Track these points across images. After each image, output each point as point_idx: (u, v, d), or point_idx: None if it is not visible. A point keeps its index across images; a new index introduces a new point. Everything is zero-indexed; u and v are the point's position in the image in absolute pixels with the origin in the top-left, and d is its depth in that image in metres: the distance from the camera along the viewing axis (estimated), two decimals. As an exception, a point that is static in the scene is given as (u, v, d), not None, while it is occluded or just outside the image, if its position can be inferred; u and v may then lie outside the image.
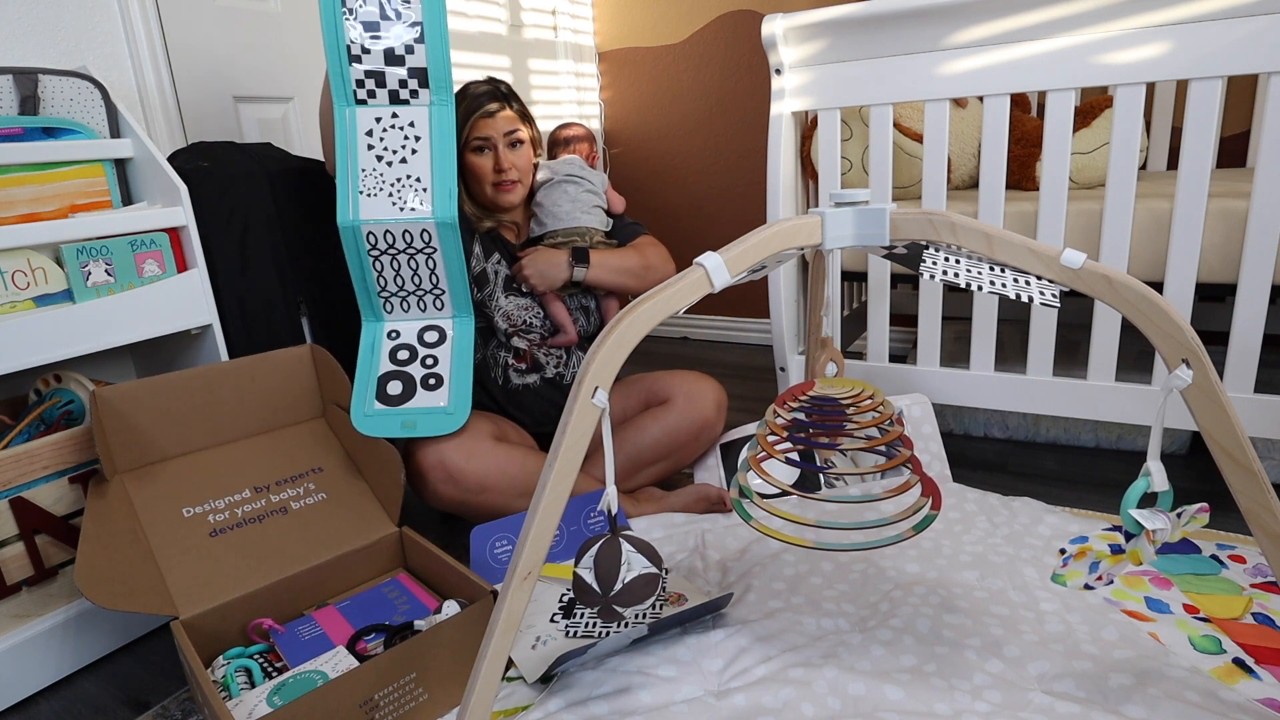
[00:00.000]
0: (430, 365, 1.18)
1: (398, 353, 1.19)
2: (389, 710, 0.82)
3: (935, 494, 0.86)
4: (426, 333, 1.21)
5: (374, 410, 1.15)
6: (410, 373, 1.17)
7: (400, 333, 1.21)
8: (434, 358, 1.19)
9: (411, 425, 1.15)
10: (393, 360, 1.19)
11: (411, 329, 1.21)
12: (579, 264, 1.32)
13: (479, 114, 1.31)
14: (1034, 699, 0.81)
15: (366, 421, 1.14)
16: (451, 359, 1.20)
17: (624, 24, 2.42)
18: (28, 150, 1.03)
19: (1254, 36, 1.05)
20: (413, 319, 1.21)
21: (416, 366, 1.18)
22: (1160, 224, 1.21)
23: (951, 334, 1.85)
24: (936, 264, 0.74)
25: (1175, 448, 1.42)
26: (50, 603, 1.01)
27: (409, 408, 1.16)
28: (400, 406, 1.15)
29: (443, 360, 1.19)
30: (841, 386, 0.95)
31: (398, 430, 1.14)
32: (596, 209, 1.43)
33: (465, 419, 1.18)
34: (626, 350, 0.67)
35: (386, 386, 1.15)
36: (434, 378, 1.17)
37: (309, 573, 1.02)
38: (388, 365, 1.18)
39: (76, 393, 1.10)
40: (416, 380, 1.16)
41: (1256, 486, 0.67)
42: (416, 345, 1.20)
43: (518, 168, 1.33)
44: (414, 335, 1.21)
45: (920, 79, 1.28)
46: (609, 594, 0.72)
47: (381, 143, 1.12)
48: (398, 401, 1.16)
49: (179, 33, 1.41)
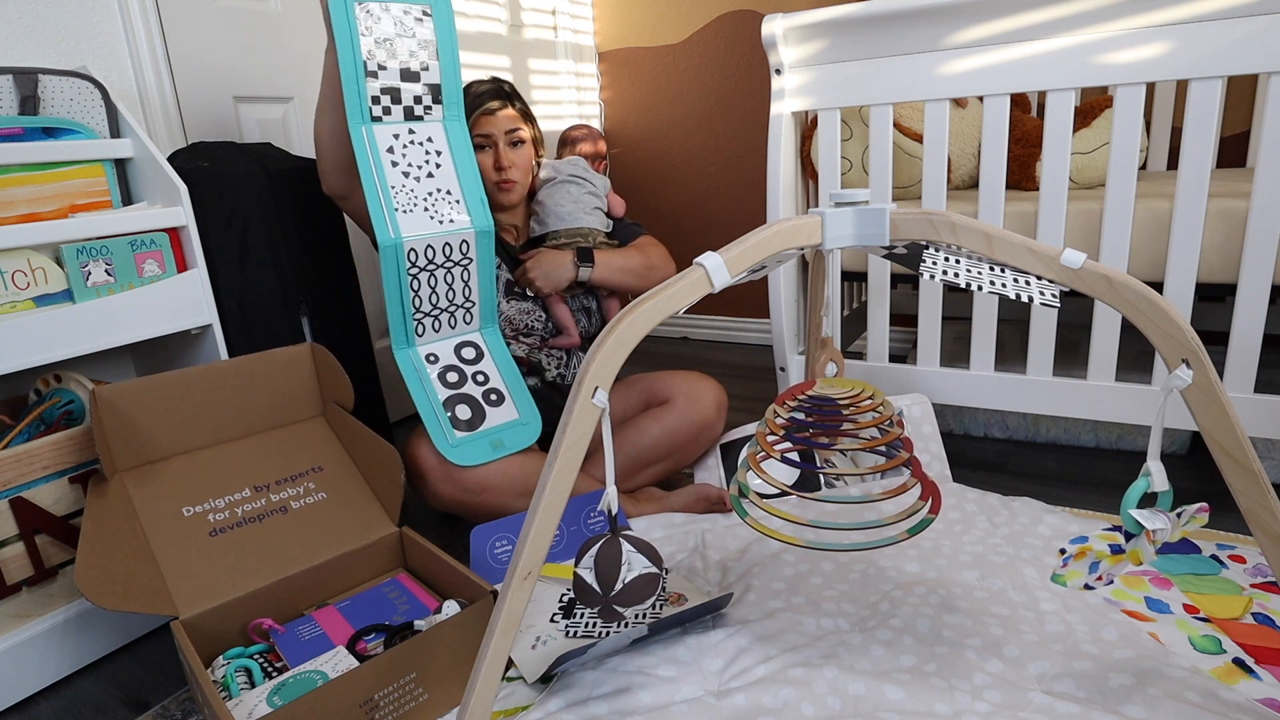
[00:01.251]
0: (483, 382, 1.18)
1: (446, 375, 1.18)
2: (389, 710, 0.82)
3: (936, 496, 0.86)
4: (463, 349, 1.20)
5: (458, 440, 1.15)
6: (469, 393, 1.17)
7: (438, 355, 1.19)
8: (483, 374, 1.19)
9: (500, 444, 1.15)
10: (446, 384, 1.18)
11: (446, 349, 1.20)
12: (584, 264, 1.32)
13: (480, 111, 1.31)
14: (1034, 699, 0.81)
15: (457, 452, 1.14)
16: (500, 372, 1.21)
17: (624, 24, 2.42)
18: (28, 150, 1.03)
19: (1254, 36, 1.05)
20: (443, 338, 1.20)
21: (471, 386, 1.18)
22: (1160, 224, 1.21)
23: (951, 334, 1.85)
24: (936, 264, 0.74)
25: (1175, 448, 1.42)
26: (50, 603, 1.01)
27: (488, 429, 1.16)
28: (479, 430, 1.15)
29: (492, 375, 1.20)
30: (842, 387, 0.95)
31: (490, 453, 1.14)
32: (597, 210, 1.43)
33: (540, 426, 1.19)
34: (626, 350, 0.67)
35: (456, 411, 1.15)
36: (494, 393, 1.17)
37: (309, 573, 1.02)
38: (444, 391, 1.17)
39: (76, 393, 1.10)
40: (479, 399, 1.16)
41: (1256, 486, 0.67)
42: (459, 364, 1.19)
43: (518, 166, 1.34)
44: (452, 354, 1.20)
45: (920, 79, 1.28)
46: (609, 594, 0.72)
47: (405, 159, 1.11)
48: (474, 425, 1.16)
49: (179, 33, 1.41)
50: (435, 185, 1.13)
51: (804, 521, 0.83)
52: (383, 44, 1.08)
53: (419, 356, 1.18)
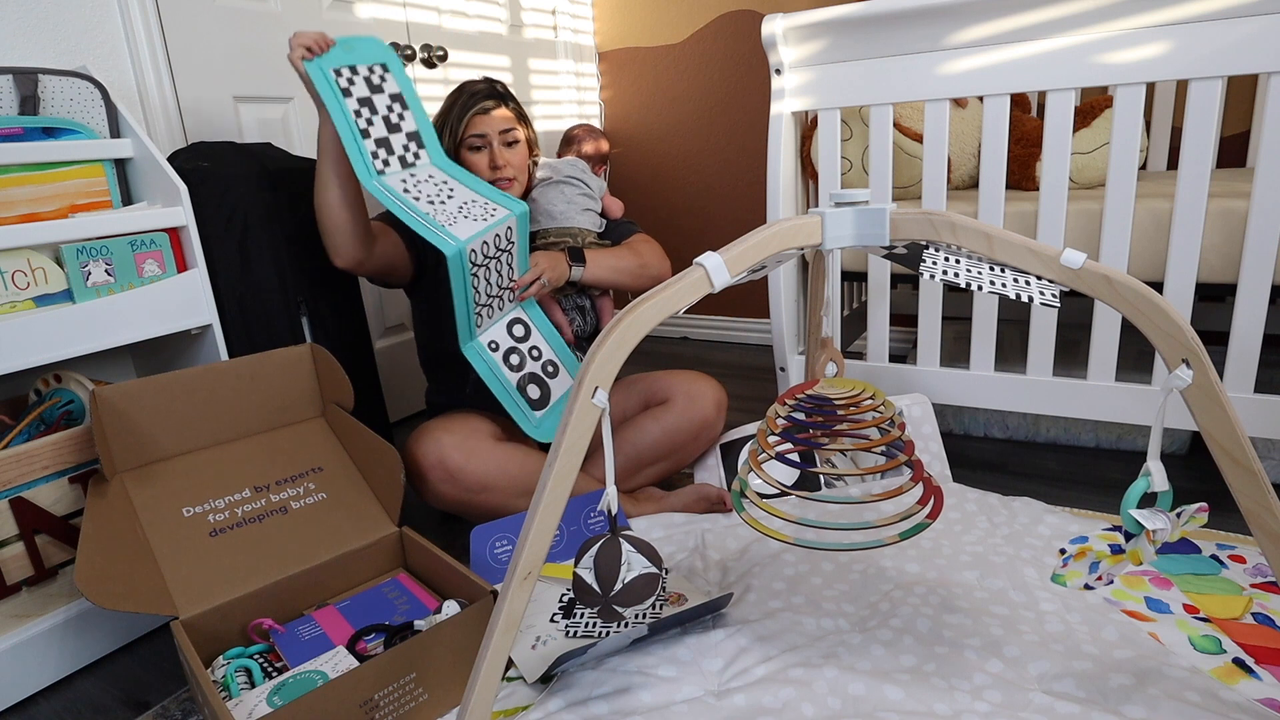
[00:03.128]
0: (538, 357, 1.23)
1: (510, 359, 1.22)
2: (389, 710, 0.82)
3: (937, 499, 0.86)
4: (513, 328, 1.24)
5: (539, 420, 1.20)
6: (532, 371, 1.21)
7: (497, 342, 1.23)
8: (536, 349, 1.24)
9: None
10: (512, 369, 1.22)
11: (500, 331, 1.25)
12: (576, 263, 1.32)
13: (475, 111, 1.31)
14: (1034, 699, 0.81)
15: (540, 431, 1.20)
16: (548, 343, 1.26)
17: (624, 24, 2.42)
18: (28, 150, 1.03)
19: (1254, 36, 1.05)
20: (494, 322, 1.25)
21: (531, 363, 1.23)
22: (1160, 224, 1.21)
23: (951, 334, 1.85)
24: (936, 264, 0.74)
25: (1175, 448, 1.42)
26: (50, 603, 1.01)
27: (557, 402, 1.22)
28: (551, 405, 1.20)
29: (543, 348, 1.25)
30: (843, 387, 0.95)
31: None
32: (589, 211, 1.43)
33: None
34: (626, 350, 0.67)
35: (528, 392, 1.19)
36: (549, 365, 1.22)
37: (309, 573, 1.02)
38: (513, 375, 1.21)
39: (76, 393, 1.10)
40: (541, 375, 1.21)
41: (1256, 486, 0.67)
42: (515, 345, 1.24)
43: (513, 165, 1.34)
44: (506, 336, 1.24)
45: (920, 79, 1.28)
46: (609, 594, 0.72)
47: (423, 194, 1.16)
48: (545, 401, 1.20)
49: (179, 33, 1.41)
50: (459, 201, 1.18)
51: (795, 519, 0.83)
52: (364, 103, 1.14)
53: (483, 347, 1.23)
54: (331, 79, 1.11)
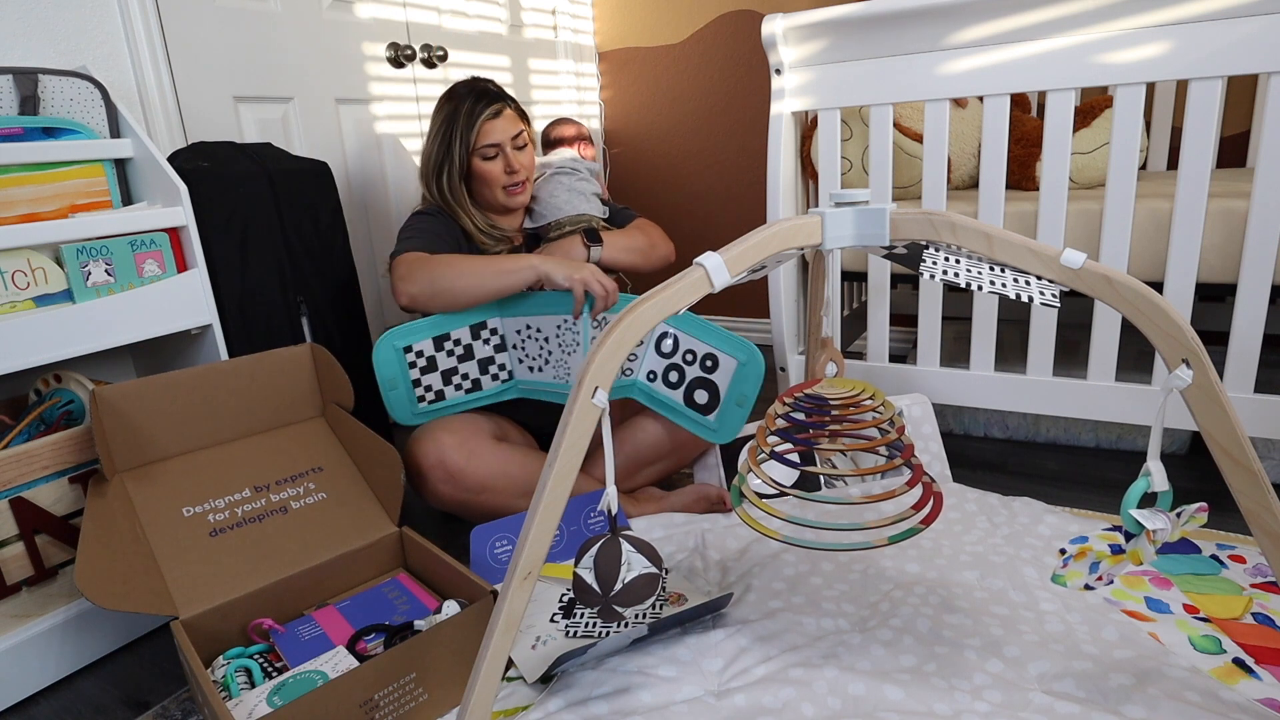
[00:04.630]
0: (691, 360, 1.23)
1: (669, 377, 1.25)
2: (389, 710, 0.82)
3: (936, 503, 0.86)
4: (661, 344, 1.26)
5: (714, 423, 1.21)
6: (695, 377, 1.22)
7: (654, 370, 1.26)
8: (689, 352, 1.24)
9: (744, 399, 1.19)
10: (671, 385, 1.25)
11: (650, 359, 1.27)
12: (594, 244, 1.33)
13: (485, 118, 1.30)
14: (1034, 699, 0.81)
15: (718, 435, 1.21)
16: (696, 335, 1.24)
17: (624, 24, 2.42)
18: (28, 150, 1.03)
19: (1254, 36, 1.05)
20: (645, 352, 1.28)
21: (688, 369, 1.23)
22: (1160, 224, 1.21)
23: (951, 334, 1.85)
24: (936, 264, 0.74)
25: (1175, 448, 1.42)
26: (50, 603, 1.01)
27: (728, 394, 1.21)
28: (722, 400, 1.20)
29: (695, 347, 1.24)
30: (844, 387, 0.95)
31: (742, 414, 1.19)
32: (594, 196, 1.43)
33: (759, 356, 1.21)
34: (626, 350, 0.67)
35: (695, 400, 1.20)
36: (708, 359, 1.22)
37: (309, 573, 1.02)
38: (677, 392, 1.23)
39: (76, 393, 1.10)
40: (702, 374, 1.21)
41: (1256, 486, 0.67)
42: (669, 362, 1.25)
43: (526, 167, 1.34)
44: (656, 358, 1.26)
45: (920, 79, 1.28)
46: (609, 594, 0.72)
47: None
48: (716, 401, 1.21)
49: (179, 33, 1.41)
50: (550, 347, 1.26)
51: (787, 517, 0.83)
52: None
53: (646, 386, 1.26)
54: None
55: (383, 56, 1.80)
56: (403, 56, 1.82)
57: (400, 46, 1.82)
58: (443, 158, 1.33)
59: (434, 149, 1.34)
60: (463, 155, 1.32)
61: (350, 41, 1.72)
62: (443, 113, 1.34)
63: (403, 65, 1.84)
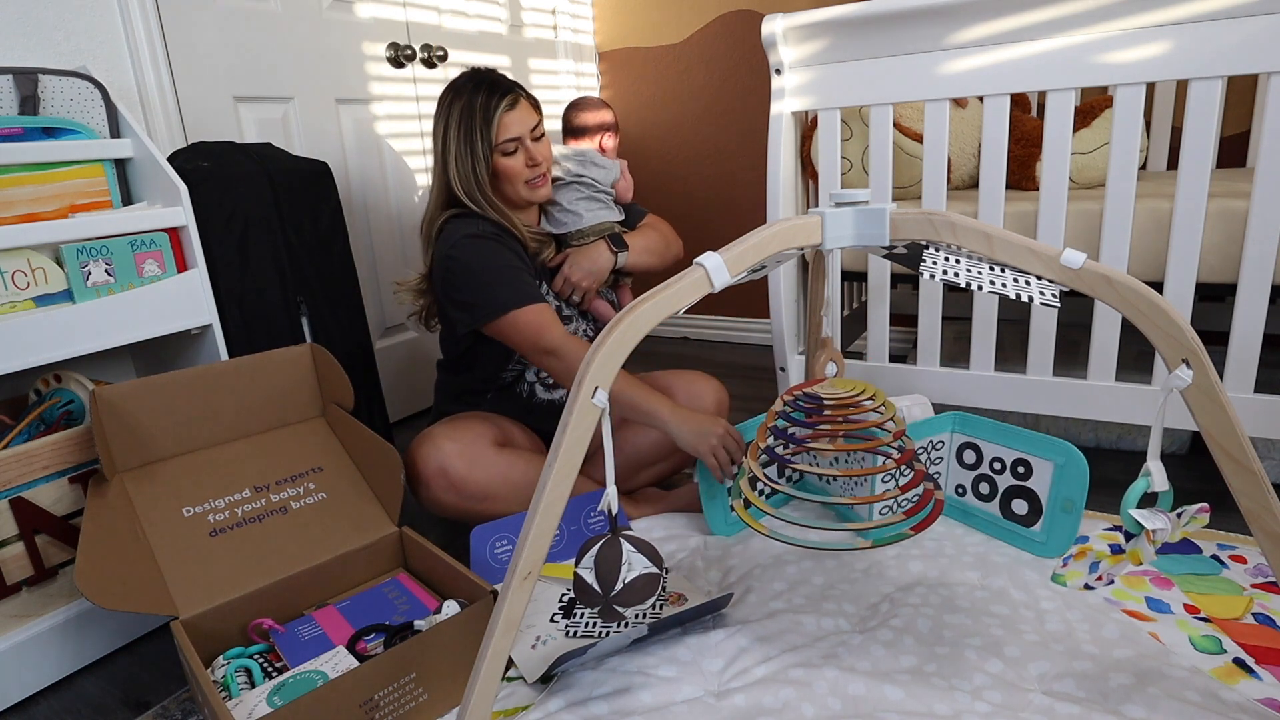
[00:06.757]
0: (1000, 469, 1.16)
1: (979, 488, 1.19)
2: (389, 710, 0.82)
3: (937, 507, 0.86)
4: (963, 455, 1.21)
5: (1040, 534, 1.10)
6: (1009, 486, 1.15)
7: (964, 485, 1.21)
8: (997, 460, 1.17)
9: (1072, 506, 1.08)
10: (983, 498, 1.18)
11: (956, 474, 1.22)
12: (620, 249, 1.33)
13: (502, 111, 1.22)
14: (1034, 699, 0.81)
15: (1053, 546, 1.09)
16: (1001, 445, 1.17)
17: (624, 24, 2.42)
18: (28, 150, 1.03)
19: (1254, 36, 1.05)
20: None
21: (997, 478, 1.16)
22: (1160, 224, 1.21)
23: (951, 334, 1.85)
24: (936, 264, 0.74)
25: (1175, 448, 1.42)
26: (50, 603, 1.01)
27: (1050, 501, 1.12)
28: (1044, 511, 1.11)
29: (1003, 454, 1.16)
30: (843, 387, 0.95)
31: (1071, 523, 1.08)
32: (611, 202, 1.43)
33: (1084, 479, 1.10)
34: (626, 350, 0.67)
35: (1013, 510, 1.13)
36: (1019, 464, 1.13)
37: (309, 573, 1.02)
38: (991, 505, 1.17)
39: (76, 393, 1.10)
40: (1014, 481, 1.13)
41: (1256, 486, 0.67)
42: (975, 474, 1.19)
43: (546, 159, 1.28)
44: (959, 470, 1.21)
45: (920, 79, 1.28)
46: (609, 594, 0.72)
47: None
48: (1038, 511, 1.11)
49: (179, 33, 1.41)
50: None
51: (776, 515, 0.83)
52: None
53: (953, 497, 1.23)
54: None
55: (383, 56, 1.80)
56: (403, 56, 1.82)
57: (400, 46, 1.82)
58: (471, 160, 1.22)
59: (456, 150, 1.23)
60: (486, 153, 1.22)
61: (350, 41, 1.72)
62: (455, 110, 1.23)
63: (403, 65, 1.84)
